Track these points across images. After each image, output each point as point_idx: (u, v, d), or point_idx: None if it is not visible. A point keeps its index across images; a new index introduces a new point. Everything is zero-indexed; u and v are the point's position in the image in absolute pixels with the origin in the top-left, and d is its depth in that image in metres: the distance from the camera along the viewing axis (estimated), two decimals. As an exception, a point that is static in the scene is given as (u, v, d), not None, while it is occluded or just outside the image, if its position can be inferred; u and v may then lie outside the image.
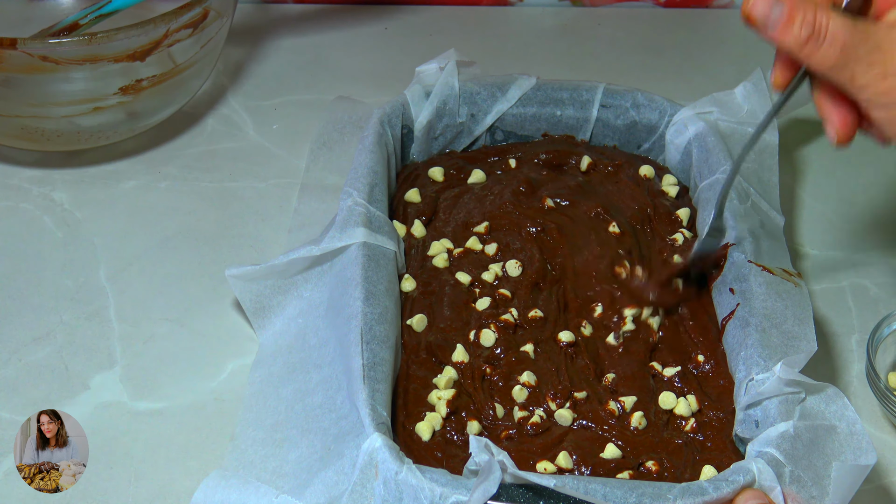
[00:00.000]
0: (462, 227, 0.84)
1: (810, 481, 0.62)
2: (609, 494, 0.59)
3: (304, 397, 0.71)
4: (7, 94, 0.89)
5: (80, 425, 0.74)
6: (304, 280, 0.79)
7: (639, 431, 0.68)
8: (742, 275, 0.75)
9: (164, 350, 0.80)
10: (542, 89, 0.93)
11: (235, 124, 1.03)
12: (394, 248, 0.79)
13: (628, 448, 0.67)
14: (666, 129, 0.91)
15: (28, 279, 0.86)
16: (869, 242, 0.91)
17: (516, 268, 0.79)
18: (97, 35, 0.86)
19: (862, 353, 0.80)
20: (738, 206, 0.80)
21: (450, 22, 1.20)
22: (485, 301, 0.77)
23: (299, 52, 1.14)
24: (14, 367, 0.79)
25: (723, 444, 0.68)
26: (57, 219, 0.92)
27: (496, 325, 0.74)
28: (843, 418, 0.65)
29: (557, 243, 0.82)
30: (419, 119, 0.91)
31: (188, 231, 0.91)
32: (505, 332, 0.74)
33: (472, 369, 0.72)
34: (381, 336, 0.70)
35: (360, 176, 0.82)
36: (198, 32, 0.93)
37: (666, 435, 0.69)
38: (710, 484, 0.60)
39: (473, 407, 0.70)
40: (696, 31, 1.19)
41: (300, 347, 0.76)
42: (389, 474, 0.61)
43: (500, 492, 0.60)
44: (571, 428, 0.69)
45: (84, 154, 0.98)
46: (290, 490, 0.64)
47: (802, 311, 0.72)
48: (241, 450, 0.70)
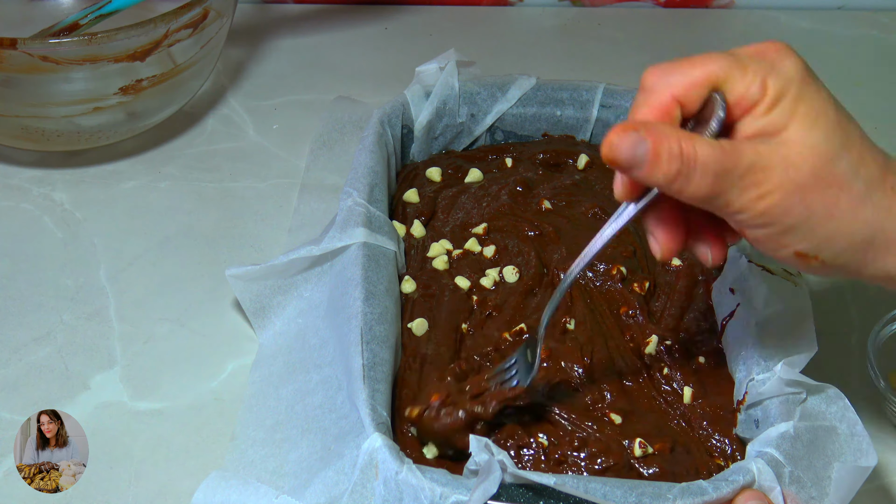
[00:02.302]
0: (461, 227, 0.84)
1: (810, 482, 0.62)
2: (609, 494, 0.59)
3: (305, 397, 0.71)
4: (7, 94, 0.89)
5: (80, 425, 0.74)
6: (304, 280, 0.79)
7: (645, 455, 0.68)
8: (742, 275, 0.75)
9: (164, 350, 0.80)
10: (542, 89, 0.93)
11: (235, 124, 1.03)
12: (394, 248, 0.79)
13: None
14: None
15: (28, 279, 0.86)
16: (869, 242, 0.91)
17: (513, 274, 0.79)
18: (97, 35, 0.86)
19: (862, 353, 0.79)
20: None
21: (450, 22, 1.20)
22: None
23: (299, 52, 1.14)
24: (14, 367, 0.79)
25: (728, 433, 0.68)
26: (57, 219, 0.92)
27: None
28: (843, 419, 0.65)
29: (555, 245, 0.81)
30: (419, 119, 0.91)
31: (188, 231, 0.91)
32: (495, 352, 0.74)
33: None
34: (381, 336, 0.70)
35: (361, 176, 0.82)
36: (198, 32, 0.93)
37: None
38: (710, 484, 0.60)
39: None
40: (696, 31, 1.19)
41: (300, 347, 0.76)
42: (390, 474, 0.61)
43: (501, 491, 0.60)
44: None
45: (84, 154, 0.98)
46: (291, 490, 0.64)
47: (802, 311, 0.72)
48: (241, 450, 0.70)
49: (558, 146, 0.92)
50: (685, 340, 0.75)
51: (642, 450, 0.66)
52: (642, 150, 0.54)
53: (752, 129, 0.56)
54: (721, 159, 0.54)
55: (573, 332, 0.75)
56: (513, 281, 0.79)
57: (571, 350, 0.73)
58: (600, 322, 0.76)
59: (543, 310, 0.75)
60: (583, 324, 0.75)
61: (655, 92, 0.57)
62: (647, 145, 0.54)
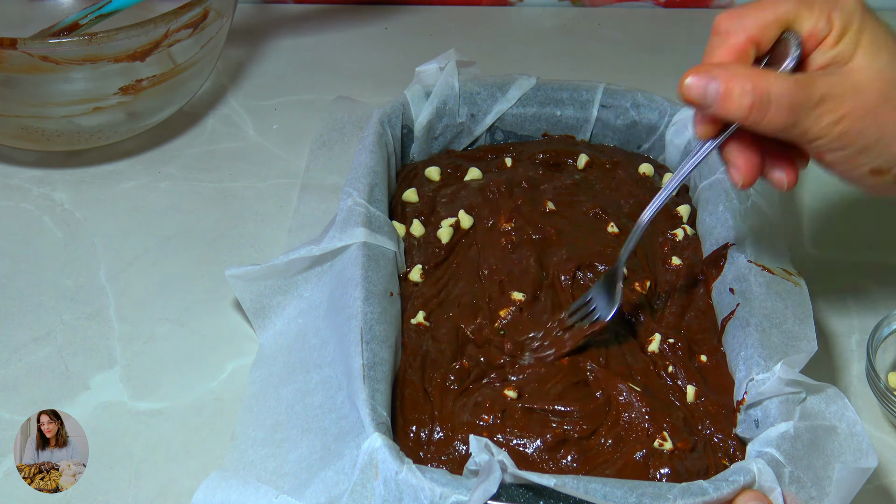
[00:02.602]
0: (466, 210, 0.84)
1: (810, 482, 0.62)
2: (609, 494, 0.59)
3: (305, 397, 0.71)
4: (7, 94, 0.89)
5: (80, 425, 0.74)
6: (305, 280, 0.79)
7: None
8: (742, 275, 0.75)
9: (164, 350, 0.80)
10: (542, 89, 0.93)
11: (235, 124, 1.03)
12: (394, 248, 0.79)
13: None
14: (666, 129, 0.91)
15: (28, 279, 0.86)
16: (869, 242, 0.91)
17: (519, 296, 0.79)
18: (97, 35, 0.86)
19: (862, 353, 0.79)
20: (738, 206, 0.80)
21: (450, 22, 1.20)
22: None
23: (299, 52, 1.14)
24: (14, 367, 0.79)
25: (728, 431, 0.68)
26: (57, 219, 0.92)
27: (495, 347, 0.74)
28: (843, 419, 0.65)
29: (556, 248, 0.81)
30: (419, 119, 0.91)
31: (188, 231, 0.91)
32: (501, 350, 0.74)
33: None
34: (381, 336, 0.70)
35: (360, 176, 0.82)
36: (198, 32, 0.93)
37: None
38: (711, 484, 0.60)
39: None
40: (696, 31, 1.19)
41: (300, 347, 0.76)
42: (390, 474, 0.61)
43: (501, 491, 0.60)
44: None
45: (84, 154, 0.98)
46: (291, 490, 0.64)
47: (802, 310, 0.72)
48: (241, 450, 0.70)
49: (558, 146, 0.92)
50: (687, 339, 0.75)
51: (662, 443, 0.67)
52: (713, 89, 0.61)
53: (822, 61, 0.63)
54: (795, 92, 0.60)
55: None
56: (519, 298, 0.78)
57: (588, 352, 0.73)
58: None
59: (545, 315, 0.76)
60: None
61: (731, 34, 0.63)
62: (717, 85, 0.61)
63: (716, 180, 0.83)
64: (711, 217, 0.81)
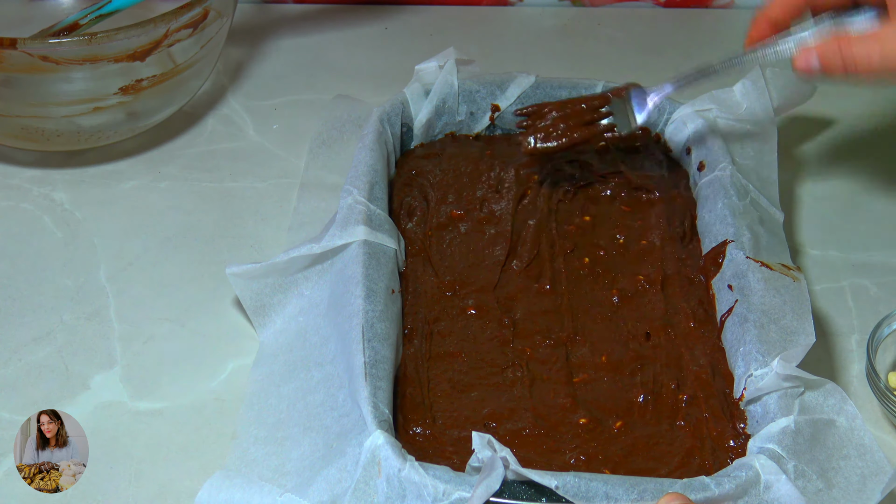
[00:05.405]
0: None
1: (815, 475, 0.62)
2: (611, 492, 0.59)
3: (306, 395, 0.71)
4: (7, 94, 0.89)
5: (80, 425, 0.74)
6: (305, 278, 0.79)
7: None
8: (740, 271, 0.75)
9: (164, 350, 0.80)
10: (541, 87, 0.93)
11: (235, 124, 1.03)
12: (394, 245, 0.79)
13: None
14: (665, 126, 0.91)
15: (28, 279, 0.86)
16: (869, 242, 0.91)
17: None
18: (97, 35, 0.86)
19: (862, 353, 0.79)
20: (737, 202, 0.80)
21: (450, 22, 1.20)
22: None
23: (299, 52, 1.14)
24: (14, 367, 0.79)
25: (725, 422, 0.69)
26: (57, 219, 0.92)
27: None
28: (841, 412, 0.66)
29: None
30: (418, 117, 0.91)
31: (188, 231, 0.91)
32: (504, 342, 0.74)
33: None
34: (382, 334, 0.70)
35: (360, 174, 0.82)
36: (198, 32, 0.93)
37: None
38: (712, 480, 0.60)
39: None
40: (696, 31, 1.19)
41: (301, 345, 0.76)
42: (392, 471, 0.61)
43: (503, 488, 0.60)
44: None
45: (84, 154, 0.98)
46: (294, 488, 0.64)
47: (801, 305, 0.72)
48: (242, 448, 0.70)
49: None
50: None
51: None
52: (815, 60, 0.72)
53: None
54: (882, 42, 0.70)
55: (581, 334, 0.75)
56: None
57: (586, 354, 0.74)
58: (602, 314, 0.76)
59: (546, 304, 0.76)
60: (592, 322, 0.76)
61: None
62: (815, 56, 0.72)
63: (715, 177, 0.83)
64: (710, 214, 0.81)
